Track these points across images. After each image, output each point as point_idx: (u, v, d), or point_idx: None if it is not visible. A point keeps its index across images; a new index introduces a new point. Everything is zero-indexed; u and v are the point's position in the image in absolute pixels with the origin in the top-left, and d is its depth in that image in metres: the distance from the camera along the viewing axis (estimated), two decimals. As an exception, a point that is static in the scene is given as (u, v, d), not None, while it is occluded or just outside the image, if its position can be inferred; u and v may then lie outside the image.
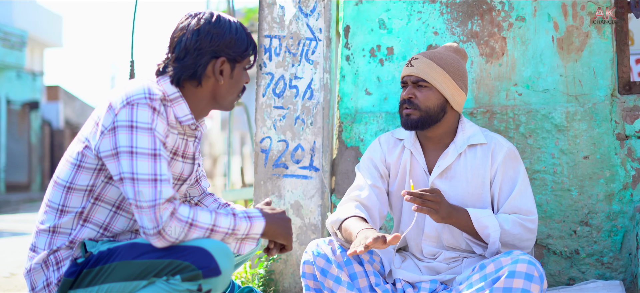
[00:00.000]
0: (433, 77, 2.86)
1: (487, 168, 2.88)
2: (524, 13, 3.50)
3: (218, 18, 2.37)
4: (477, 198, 2.87)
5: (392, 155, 3.02)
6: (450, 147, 2.91)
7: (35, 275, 2.31)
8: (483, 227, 2.73)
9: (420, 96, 2.86)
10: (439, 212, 2.67)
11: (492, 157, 2.88)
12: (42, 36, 24.31)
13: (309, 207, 3.60)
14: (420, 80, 2.87)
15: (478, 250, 2.81)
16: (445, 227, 2.88)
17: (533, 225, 2.80)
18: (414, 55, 2.94)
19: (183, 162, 2.46)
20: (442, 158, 2.90)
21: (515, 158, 2.90)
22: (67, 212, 2.30)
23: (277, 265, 3.64)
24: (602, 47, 3.43)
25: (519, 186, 2.84)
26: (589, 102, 3.41)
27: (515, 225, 2.76)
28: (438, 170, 2.89)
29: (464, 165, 2.89)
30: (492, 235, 2.72)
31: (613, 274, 3.36)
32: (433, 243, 2.92)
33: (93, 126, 2.28)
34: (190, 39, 2.33)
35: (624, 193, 3.35)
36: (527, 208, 2.82)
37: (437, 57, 2.90)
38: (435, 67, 2.87)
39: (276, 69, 3.65)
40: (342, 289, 2.73)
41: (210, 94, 2.41)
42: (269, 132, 3.65)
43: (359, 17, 3.67)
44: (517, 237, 2.76)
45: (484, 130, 2.99)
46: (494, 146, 2.90)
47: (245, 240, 2.34)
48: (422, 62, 2.88)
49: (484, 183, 2.87)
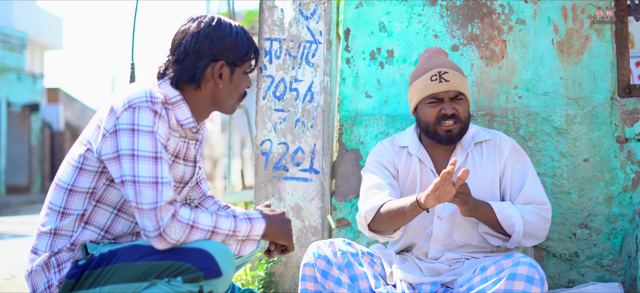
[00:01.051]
0: (466, 88, 2.96)
1: (495, 163, 2.95)
2: (524, 16, 3.50)
3: (218, 21, 2.38)
4: (486, 194, 2.92)
5: (399, 160, 3.04)
6: (457, 148, 2.97)
7: (36, 277, 2.31)
8: (507, 217, 2.79)
9: (461, 109, 2.93)
10: (468, 204, 2.72)
11: (498, 152, 2.96)
12: (43, 38, 24.31)
13: (309, 209, 3.60)
14: (459, 95, 2.93)
15: (496, 243, 2.86)
16: (454, 226, 2.90)
17: (548, 215, 2.89)
18: (439, 70, 2.93)
19: (184, 165, 2.47)
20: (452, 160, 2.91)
21: (520, 151, 2.99)
22: (68, 215, 2.30)
23: (277, 267, 3.64)
24: (602, 50, 3.43)
25: (530, 178, 2.92)
26: (588, 105, 3.42)
27: (533, 215, 2.84)
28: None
29: (472, 163, 2.95)
30: (516, 224, 2.78)
31: (612, 277, 3.36)
32: (441, 244, 2.93)
33: (95, 129, 2.29)
34: (189, 41, 2.34)
35: (623, 196, 3.35)
36: (540, 198, 2.90)
37: (456, 67, 2.97)
38: (464, 79, 2.96)
39: (276, 71, 3.65)
40: (342, 291, 2.74)
41: (210, 97, 2.42)
42: (269, 134, 3.65)
43: (359, 20, 3.68)
44: (535, 226, 2.84)
45: (484, 128, 3.06)
46: (499, 141, 2.99)
47: (246, 242, 2.35)
48: (455, 76, 2.92)
49: (493, 179, 2.94)
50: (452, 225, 2.91)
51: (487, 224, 2.84)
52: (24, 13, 22.72)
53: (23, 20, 22.40)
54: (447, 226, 2.91)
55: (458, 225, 2.90)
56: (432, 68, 2.95)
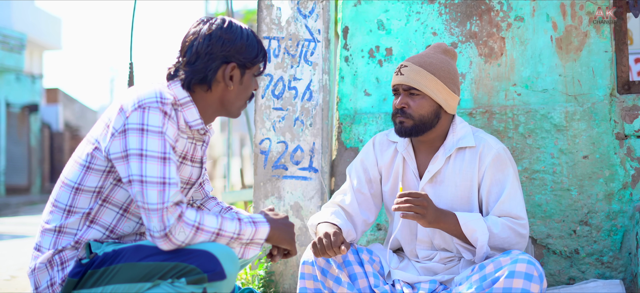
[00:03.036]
0: (424, 84, 2.80)
1: (474, 171, 2.83)
2: (522, 13, 3.50)
3: (230, 24, 2.39)
4: (466, 201, 2.84)
5: (384, 157, 3.00)
6: (440, 151, 2.87)
7: (39, 274, 2.31)
8: (471, 231, 2.69)
9: (413, 105, 2.81)
10: (425, 217, 2.64)
11: (479, 160, 2.83)
12: (41, 39, 24.31)
13: (308, 208, 3.60)
14: (412, 89, 2.82)
15: (467, 256, 2.78)
16: (436, 231, 2.86)
17: (524, 230, 2.74)
18: (402, 62, 2.88)
19: (192, 166, 2.47)
20: (432, 163, 2.87)
21: (504, 161, 2.83)
22: (74, 213, 2.30)
23: (277, 266, 3.64)
24: (601, 46, 3.43)
25: (508, 190, 2.77)
26: (588, 102, 3.41)
27: (504, 228, 2.71)
28: (428, 175, 2.87)
29: (452, 169, 2.86)
30: (480, 239, 2.67)
31: (613, 273, 3.36)
32: (427, 246, 2.91)
33: (103, 128, 2.29)
34: (201, 43, 2.35)
35: (623, 192, 3.35)
36: (516, 212, 2.75)
37: (426, 63, 2.83)
38: (426, 74, 2.80)
39: (275, 70, 3.65)
40: (342, 289, 2.73)
41: (219, 99, 2.42)
42: (268, 133, 3.65)
43: (357, 18, 3.67)
44: (507, 241, 2.71)
45: (477, 131, 2.92)
46: (482, 148, 2.84)
47: (250, 245, 2.35)
48: (411, 70, 2.82)
49: (472, 187, 2.83)
50: (433, 230, 2.86)
51: (453, 236, 2.76)
52: (23, 13, 22.72)
53: (22, 21, 22.40)
54: (429, 230, 2.88)
55: (436, 230, 2.86)
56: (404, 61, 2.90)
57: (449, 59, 2.91)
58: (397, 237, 2.97)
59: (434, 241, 2.88)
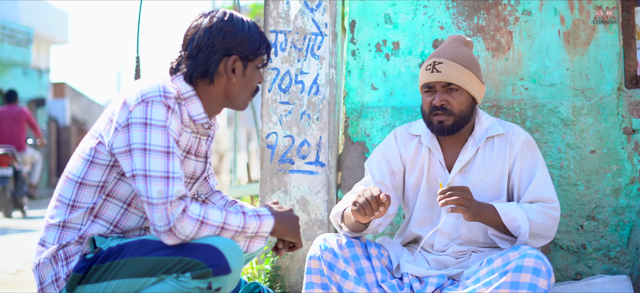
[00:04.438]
0: (462, 79, 2.83)
1: (505, 157, 2.88)
2: (530, 7, 3.49)
3: (231, 16, 2.38)
4: (495, 189, 2.88)
5: (407, 150, 3.01)
6: (469, 141, 2.91)
7: (43, 269, 2.31)
8: (512, 220, 2.72)
9: (453, 101, 2.84)
10: (471, 210, 2.66)
11: (510, 146, 2.89)
12: (48, 33, 24.34)
13: (315, 202, 3.59)
14: (450, 84, 2.83)
15: (505, 246, 2.78)
16: (463, 221, 2.87)
17: (556, 214, 2.80)
18: (434, 59, 2.88)
19: (196, 161, 2.47)
20: (462, 154, 2.89)
21: (533, 146, 2.91)
22: (78, 208, 2.30)
23: (283, 261, 3.64)
24: (608, 40, 3.41)
25: (539, 174, 2.83)
26: (595, 96, 3.40)
27: (540, 215, 2.76)
28: (459, 165, 2.89)
29: (482, 158, 2.89)
30: (522, 227, 2.70)
31: (620, 269, 3.35)
32: (446, 238, 2.91)
33: (107, 122, 2.29)
34: (202, 36, 2.34)
35: (630, 187, 3.34)
36: (548, 196, 2.81)
37: (459, 57, 2.86)
38: (462, 69, 2.83)
39: (282, 64, 3.65)
40: (349, 284, 2.73)
41: (223, 92, 2.41)
42: (274, 127, 3.65)
43: (364, 12, 3.66)
44: (543, 227, 2.76)
45: (500, 121, 2.98)
46: (511, 135, 2.90)
47: (255, 239, 2.35)
48: (448, 66, 2.83)
49: (502, 174, 2.87)
50: (459, 219, 2.89)
51: (492, 227, 2.78)
52: (30, 8, 22.75)
53: (29, 15, 22.43)
54: (454, 220, 2.90)
55: (465, 221, 2.88)
56: (433, 57, 2.90)
57: (470, 51, 2.97)
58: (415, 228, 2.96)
59: (461, 230, 2.89)
